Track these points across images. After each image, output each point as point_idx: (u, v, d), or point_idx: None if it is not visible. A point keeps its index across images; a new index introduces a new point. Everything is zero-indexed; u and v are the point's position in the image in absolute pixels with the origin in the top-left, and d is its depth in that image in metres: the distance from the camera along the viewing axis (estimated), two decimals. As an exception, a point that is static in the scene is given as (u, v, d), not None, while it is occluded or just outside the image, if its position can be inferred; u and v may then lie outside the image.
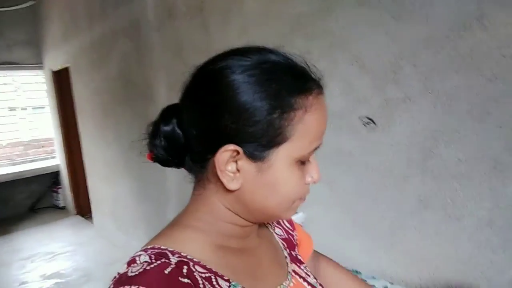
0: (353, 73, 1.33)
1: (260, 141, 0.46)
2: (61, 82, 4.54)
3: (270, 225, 0.68)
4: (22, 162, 5.20)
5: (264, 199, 0.49)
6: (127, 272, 0.44)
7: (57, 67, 4.40)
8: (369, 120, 1.32)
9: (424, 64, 1.14)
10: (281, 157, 0.47)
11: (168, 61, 2.34)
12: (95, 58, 3.36)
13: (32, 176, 5.03)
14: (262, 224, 0.64)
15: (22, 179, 4.95)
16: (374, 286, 1.28)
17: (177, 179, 2.55)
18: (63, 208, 5.21)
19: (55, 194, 5.28)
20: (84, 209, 4.78)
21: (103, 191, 3.89)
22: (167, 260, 0.45)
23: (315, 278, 0.64)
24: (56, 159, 5.25)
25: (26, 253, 3.83)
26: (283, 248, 0.65)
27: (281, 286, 0.56)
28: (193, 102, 0.50)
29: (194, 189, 0.55)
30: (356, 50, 1.31)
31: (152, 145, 0.54)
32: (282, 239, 0.67)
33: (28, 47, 4.83)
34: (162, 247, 0.48)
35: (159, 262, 0.45)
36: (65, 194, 5.13)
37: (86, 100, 3.78)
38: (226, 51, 0.51)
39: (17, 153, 5.21)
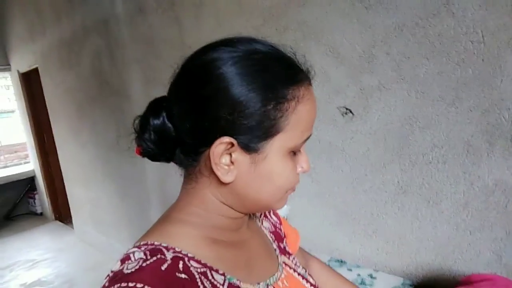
0: (329, 63, 1.33)
1: (255, 133, 0.46)
2: (31, 83, 4.38)
3: (258, 218, 0.68)
4: (-6, 169, 5.01)
5: (258, 191, 0.50)
6: (122, 269, 0.43)
7: (25, 68, 4.23)
8: (346, 110, 1.33)
9: (396, 52, 1.16)
10: (275, 148, 0.47)
11: (141, 56, 2.28)
12: (65, 57, 3.25)
13: (6, 183, 4.86)
14: (251, 218, 0.65)
15: (-4, 186, 4.78)
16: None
17: (158, 177, 2.51)
18: (41, 214, 5.07)
19: (31, 200, 5.12)
20: (63, 214, 4.66)
21: (81, 195, 3.79)
22: (162, 256, 0.45)
23: (304, 268, 0.66)
24: (31, 164, 5.08)
25: (5, 262, 3.71)
26: (271, 241, 0.66)
27: (274, 276, 0.57)
28: (185, 95, 0.48)
29: (185, 182, 0.54)
30: (330, 41, 1.31)
31: (140, 140, 0.52)
32: (271, 232, 0.68)
33: (-8, 48, 4.62)
34: (156, 243, 0.48)
35: (154, 258, 0.44)
36: (42, 200, 4.98)
37: (59, 101, 3.65)
38: (214, 42, 0.50)
39: (-12, 159, 5.01)
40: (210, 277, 0.47)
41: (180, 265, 0.45)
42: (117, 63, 2.55)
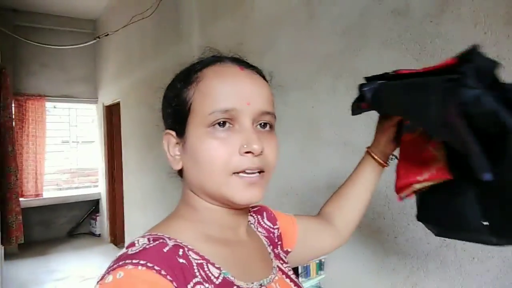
0: (377, 109, 1.37)
1: (176, 120, 0.56)
2: (111, 115, 4.92)
3: (253, 224, 0.71)
4: (67, 188, 5.54)
5: (196, 174, 0.54)
6: (127, 252, 0.47)
7: (109, 101, 4.79)
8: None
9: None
10: (192, 128, 0.53)
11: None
12: (143, 93, 3.65)
13: (75, 202, 5.33)
14: (249, 223, 0.69)
15: (65, 204, 5.26)
16: None
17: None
18: (99, 235, 5.41)
19: (93, 221, 5.51)
20: (117, 239, 4.93)
21: (137, 220, 4.02)
22: (164, 241, 0.49)
23: (294, 274, 0.68)
24: (98, 188, 5.54)
25: (60, 275, 3.98)
26: (267, 245, 0.68)
27: (267, 278, 0.59)
28: None
29: None
30: (380, 88, 1.37)
31: None
32: (265, 237, 0.70)
33: (85, 82, 5.34)
34: (159, 234, 0.52)
35: (157, 242, 0.48)
36: (102, 222, 5.34)
37: (133, 132, 4.05)
38: None
39: (64, 179, 5.58)
40: (206, 269, 0.50)
41: (180, 252, 0.49)
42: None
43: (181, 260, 0.48)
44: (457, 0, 1.12)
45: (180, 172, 0.60)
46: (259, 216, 0.74)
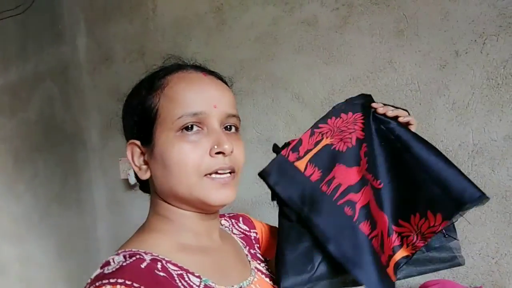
0: (295, 107, 1.56)
1: (140, 128, 0.56)
2: (-47, 132, 4.01)
3: (227, 228, 0.73)
4: None
5: (166, 180, 0.54)
6: (102, 271, 0.46)
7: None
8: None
9: (352, 98, 1.43)
10: (159, 133, 0.54)
11: (103, 102, 2.33)
12: (6, 103, 3.11)
13: None
14: (222, 228, 0.70)
15: None
16: None
17: (111, 224, 2.44)
18: None
19: None
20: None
21: (9, 254, 3.40)
22: (141, 257, 0.48)
23: (273, 275, 0.69)
24: None
25: None
26: (243, 247, 0.69)
27: (247, 280, 0.60)
28: None
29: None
30: (296, 89, 1.56)
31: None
32: (240, 237, 0.72)
33: None
34: (134, 249, 0.51)
35: (134, 258, 0.48)
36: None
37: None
38: None
39: None
40: (187, 279, 0.50)
41: (159, 265, 0.48)
42: (73, 110, 2.55)
43: (161, 274, 0.48)
44: (357, 14, 1.38)
45: (144, 186, 0.62)
46: (234, 220, 0.76)
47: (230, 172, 0.56)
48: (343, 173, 0.64)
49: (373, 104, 0.70)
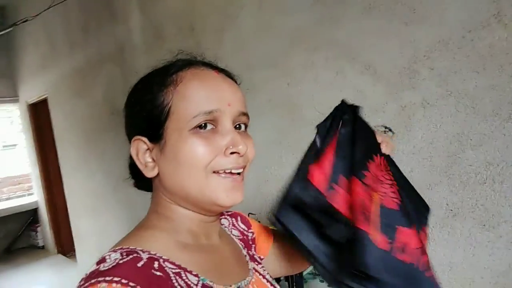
0: (364, 82, 1.28)
1: (151, 124, 0.53)
2: (38, 115, 4.35)
3: (227, 227, 0.71)
4: (-3, 201, 4.89)
5: (176, 177, 0.53)
6: (98, 268, 0.45)
7: (34, 99, 4.22)
8: (386, 129, 1.26)
9: (441, 66, 1.11)
10: (171, 130, 0.52)
11: (158, 83, 2.25)
12: (77, 86, 3.23)
13: (8, 215, 4.72)
14: (221, 227, 0.68)
15: (-3, 218, 4.64)
16: None
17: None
18: (43, 247, 4.89)
19: (33, 233, 4.96)
20: (66, 247, 4.49)
21: (87, 226, 3.66)
22: (138, 255, 0.47)
23: (270, 276, 0.68)
24: (34, 196, 4.96)
25: (5, 299, 3.52)
26: (242, 248, 0.69)
27: (245, 280, 0.59)
28: None
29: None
30: (366, 58, 1.27)
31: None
32: (240, 239, 0.70)
33: (1, 79, 4.63)
34: (131, 247, 0.50)
35: (131, 256, 0.47)
36: (45, 232, 4.82)
37: (68, 131, 3.60)
38: None
39: (-9, 191, 4.90)
40: (184, 278, 0.49)
41: (156, 265, 0.48)
42: (132, 90, 2.52)
43: (157, 273, 0.47)
44: (450, -45, 1.04)
45: (140, 184, 0.61)
46: (233, 219, 0.74)
47: (241, 171, 0.56)
48: (407, 237, 0.58)
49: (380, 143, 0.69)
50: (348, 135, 0.65)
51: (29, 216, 4.96)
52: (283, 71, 1.54)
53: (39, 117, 4.34)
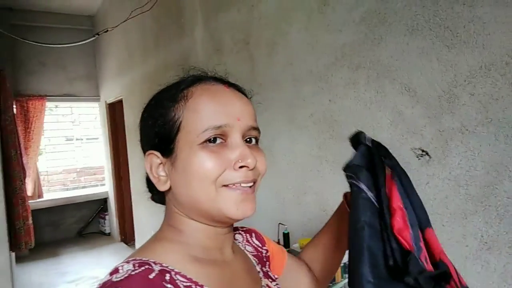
0: (404, 102, 1.27)
1: (162, 139, 0.55)
2: (114, 113, 4.83)
3: (241, 243, 0.71)
4: (74, 188, 5.49)
5: (187, 190, 0.53)
6: (111, 278, 0.46)
7: (112, 99, 4.69)
8: (422, 152, 1.24)
9: (482, 92, 1.07)
10: (182, 144, 0.53)
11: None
12: (145, 89, 3.55)
13: (83, 202, 5.29)
14: (235, 243, 0.68)
15: (73, 204, 5.22)
16: None
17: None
18: (109, 234, 5.38)
19: (102, 220, 5.48)
20: (128, 237, 4.90)
21: (147, 218, 3.97)
22: (150, 267, 0.48)
23: None
24: (105, 186, 5.49)
25: (72, 276, 3.95)
26: (255, 264, 0.68)
27: None
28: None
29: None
30: (406, 79, 1.26)
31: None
32: (253, 255, 0.70)
33: (87, 80, 5.23)
34: (144, 258, 0.50)
35: (143, 268, 0.47)
36: (111, 221, 5.30)
37: (137, 130, 3.94)
38: None
39: (71, 179, 5.52)
40: None
41: (167, 277, 0.48)
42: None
43: (168, 286, 0.47)
44: (495, -21, 1.01)
45: (156, 197, 0.62)
46: (247, 235, 0.74)
47: (251, 185, 0.56)
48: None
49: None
50: (399, 180, 0.57)
51: (100, 205, 5.50)
52: (326, 87, 1.57)
53: (115, 115, 4.82)
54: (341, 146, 1.52)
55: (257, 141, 0.59)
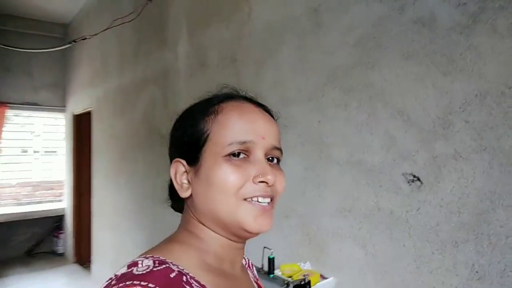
0: (396, 127, 1.27)
1: (190, 148, 0.58)
2: (81, 125, 4.60)
3: (244, 267, 0.72)
4: (29, 203, 5.10)
5: (207, 199, 0.56)
6: (131, 271, 0.47)
7: (80, 110, 4.48)
8: (414, 178, 1.23)
9: (476, 120, 1.08)
10: (207, 155, 0.56)
11: (194, 108, 2.33)
12: (119, 103, 3.41)
13: (37, 218, 4.90)
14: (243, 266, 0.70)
15: (26, 220, 4.82)
16: None
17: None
18: (62, 254, 4.99)
19: (55, 239, 5.09)
20: (83, 258, 4.57)
21: (107, 239, 3.71)
22: (169, 266, 0.50)
23: None
24: (63, 203, 5.14)
25: (17, 301, 3.58)
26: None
27: None
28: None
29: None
30: (400, 104, 1.26)
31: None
32: (255, 282, 0.72)
33: (53, 89, 4.98)
34: (161, 258, 0.52)
35: (164, 266, 0.49)
36: (66, 240, 4.94)
37: (105, 144, 3.77)
38: None
39: (25, 193, 5.13)
40: None
41: (184, 279, 0.50)
42: (170, 113, 2.62)
43: (187, 287, 0.48)
44: (492, 10, 1.04)
45: (175, 205, 0.65)
46: (250, 263, 0.76)
47: (269, 201, 0.58)
48: None
49: None
50: None
51: (55, 222, 5.12)
52: (315, 109, 1.55)
53: (81, 128, 4.59)
54: (329, 168, 1.49)
55: (278, 161, 0.62)
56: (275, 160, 0.61)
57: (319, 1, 1.53)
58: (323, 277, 1.44)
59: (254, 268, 0.77)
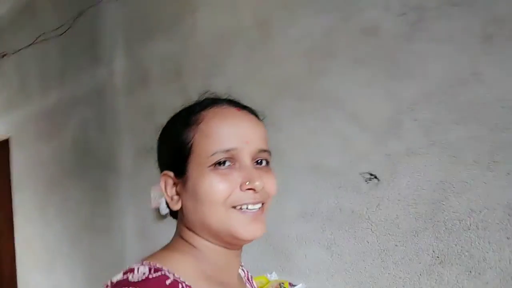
0: (351, 130, 1.34)
1: (176, 160, 0.57)
2: (-5, 155, 4.09)
3: (243, 278, 0.71)
4: None
5: (197, 211, 0.55)
6: (126, 278, 0.47)
7: (-7, 139, 3.98)
8: (371, 176, 1.30)
9: (424, 118, 1.19)
10: (192, 166, 0.55)
11: (137, 125, 2.21)
12: (44, 128, 3.10)
13: None
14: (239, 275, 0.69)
15: None
16: None
17: (140, 255, 2.25)
18: (-23, 306, 4.31)
19: (-32, 289, 4.39)
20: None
21: (37, 282, 3.30)
22: (165, 274, 0.49)
23: None
24: (-24, 246, 4.47)
25: None
26: None
27: None
28: None
29: None
30: (352, 108, 1.34)
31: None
32: None
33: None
34: (158, 265, 0.51)
35: (159, 273, 0.49)
36: (-18, 288, 4.28)
37: (28, 176, 3.38)
38: None
39: None
40: None
41: (180, 287, 0.49)
42: (107, 133, 2.46)
43: None
44: (430, 19, 1.17)
45: (174, 214, 0.62)
46: (249, 274, 0.75)
47: (259, 206, 0.57)
48: None
49: None
50: None
51: (-34, 269, 4.42)
52: (269, 118, 1.57)
53: (-4, 158, 4.07)
54: (288, 175, 1.51)
55: (267, 163, 0.60)
56: (264, 163, 0.60)
57: (268, 13, 1.57)
58: (291, 285, 1.44)
59: (253, 281, 0.75)
